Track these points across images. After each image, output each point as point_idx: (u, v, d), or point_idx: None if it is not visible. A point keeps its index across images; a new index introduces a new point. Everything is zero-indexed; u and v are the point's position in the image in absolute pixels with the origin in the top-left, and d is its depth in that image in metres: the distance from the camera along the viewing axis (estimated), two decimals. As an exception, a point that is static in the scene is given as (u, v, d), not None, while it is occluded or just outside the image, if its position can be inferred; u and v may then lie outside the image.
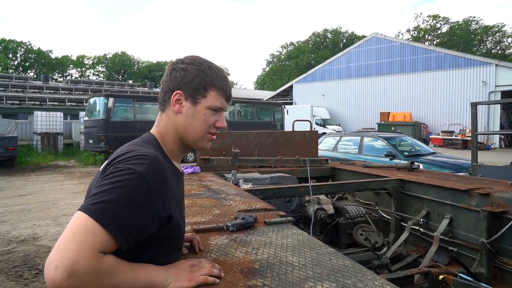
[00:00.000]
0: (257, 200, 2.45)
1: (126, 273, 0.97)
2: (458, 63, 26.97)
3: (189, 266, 1.14)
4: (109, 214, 0.92)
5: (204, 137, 1.25)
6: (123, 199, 0.94)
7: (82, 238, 0.88)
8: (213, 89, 1.21)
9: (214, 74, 1.22)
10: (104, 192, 0.95)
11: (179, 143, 1.24)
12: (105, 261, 0.91)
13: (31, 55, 61.15)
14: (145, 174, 0.99)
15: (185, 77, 1.20)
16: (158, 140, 1.22)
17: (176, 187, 1.17)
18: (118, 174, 0.98)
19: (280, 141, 4.97)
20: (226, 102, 1.26)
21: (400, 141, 9.29)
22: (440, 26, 57.32)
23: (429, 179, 3.62)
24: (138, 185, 0.97)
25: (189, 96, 1.20)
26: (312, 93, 36.12)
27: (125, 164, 1.01)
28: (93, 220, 0.90)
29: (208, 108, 1.21)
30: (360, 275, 1.23)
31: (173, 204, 1.10)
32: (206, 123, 1.22)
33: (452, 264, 2.95)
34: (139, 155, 1.04)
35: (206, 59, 1.26)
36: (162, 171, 1.06)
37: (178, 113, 1.21)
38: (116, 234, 0.93)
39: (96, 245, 0.89)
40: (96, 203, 0.93)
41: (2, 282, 4.30)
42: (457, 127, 25.71)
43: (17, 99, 24.47)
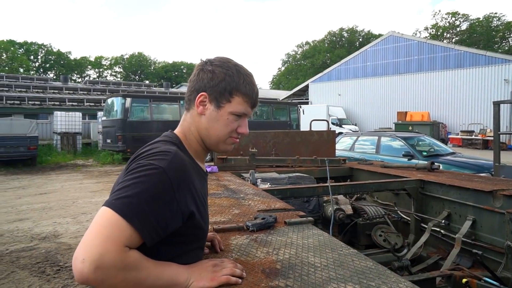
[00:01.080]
0: (276, 200, 2.44)
1: (151, 270, 0.97)
2: (478, 61, 26.37)
3: (212, 265, 1.14)
4: (133, 208, 0.93)
5: (225, 141, 1.24)
6: (146, 194, 0.95)
7: (108, 232, 0.89)
8: (239, 94, 1.20)
9: (242, 79, 1.20)
10: (128, 188, 0.96)
11: (201, 143, 1.24)
12: (131, 256, 0.92)
13: (51, 57, 62.55)
14: (166, 170, 1.00)
15: (212, 80, 1.19)
16: (181, 139, 1.22)
17: (199, 185, 1.17)
18: (141, 170, 0.99)
19: (297, 141, 4.95)
20: (251, 109, 1.24)
21: (418, 141, 9.13)
22: (459, 24, 56.20)
23: (450, 179, 3.55)
24: (160, 181, 0.98)
25: (213, 99, 1.19)
26: (328, 92, 35.86)
27: (147, 160, 1.02)
28: (117, 215, 0.91)
29: (232, 114, 1.20)
30: (384, 277, 1.21)
31: (195, 201, 1.10)
32: (228, 128, 1.21)
33: (476, 268, 2.88)
34: (160, 151, 1.05)
35: (237, 62, 1.25)
36: (184, 167, 1.06)
37: (201, 114, 1.21)
38: (141, 228, 0.93)
39: (121, 239, 0.91)
40: (120, 198, 0.94)
41: (26, 278, 4.41)
42: (477, 127, 25.15)
43: (38, 100, 25.01)
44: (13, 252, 5.33)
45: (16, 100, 23.98)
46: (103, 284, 0.88)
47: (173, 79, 63.76)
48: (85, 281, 0.86)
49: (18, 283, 4.27)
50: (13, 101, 23.75)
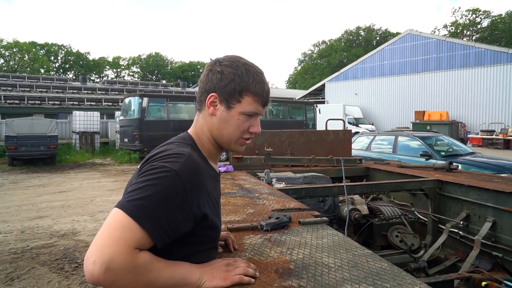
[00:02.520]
0: (291, 199, 2.43)
1: (162, 270, 0.98)
2: (500, 59, 25.72)
3: (225, 265, 1.13)
4: (145, 211, 0.93)
5: (237, 141, 1.23)
6: (158, 197, 0.95)
7: (119, 234, 0.90)
8: (249, 94, 1.18)
9: (251, 79, 1.18)
10: (140, 190, 0.96)
11: (214, 143, 1.24)
12: (141, 257, 0.93)
13: (71, 57, 63.74)
14: (180, 172, 1.00)
15: (221, 81, 1.18)
16: (194, 140, 1.22)
17: (212, 186, 1.17)
18: (154, 172, 0.99)
19: (313, 140, 4.92)
20: (262, 108, 1.22)
21: (437, 140, 8.97)
22: (480, 21, 54.94)
23: (469, 180, 3.48)
24: (173, 183, 0.98)
25: (223, 100, 1.18)
26: (344, 91, 35.56)
27: (160, 162, 1.02)
28: (129, 217, 0.92)
29: (242, 114, 1.19)
30: (399, 279, 1.19)
31: (208, 203, 1.10)
32: (239, 128, 1.20)
33: (496, 271, 2.81)
34: (174, 154, 1.05)
35: (246, 61, 1.23)
36: (197, 170, 1.06)
37: (212, 115, 1.20)
38: (152, 231, 0.94)
39: (132, 242, 0.91)
40: (132, 200, 0.94)
41: (46, 274, 4.51)
42: (498, 126, 24.55)
43: (57, 100, 25.53)
44: (33, 248, 5.46)
45: (37, 100, 24.55)
46: (114, 285, 0.89)
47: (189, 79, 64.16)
48: (95, 282, 0.88)
49: (38, 279, 4.37)
50: (34, 101, 24.32)
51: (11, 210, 7.96)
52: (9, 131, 15.14)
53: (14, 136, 15.01)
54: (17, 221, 7.08)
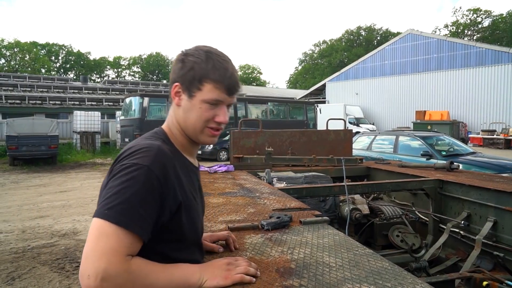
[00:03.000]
0: (292, 199, 2.43)
1: (159, 274, 0.97)
2: (501, 59, 25.69)
3: (225, 264, 1.13)
4: (128, 214, 0.93)
5: (203, 131, 1.18)
6: (137, 197, 0.95)
7: (108, 245, 0.90)
8: (209, 81, 1.13)
9: (210, 65, 1.13)
10: (117, 194, 0.95)
11: (185, 136, 1.21)
12: (134, 264, 0.93)
13: (72, 57, 63.81)
14: (151, 167, 0.99)
15: (182, 70, 1.15)
16: (167, 133, 1.20)
17: (188, 179, 1.16)
18: (126, 172, 0.98)
19: (313, 140, 4.92)
20: (226, 95, 1.16)
21: (437, 140, 8.97)
22: (481, 20, 54.88)
23: (470, 179, 3.47)
24: (147, 179, 0.97)
25: (185, 89, 1.15)
26: (345, 91, 35.54)
27: (130, 160, 1.01)
28: (114, 225, 0.92)
29: (204, 102, 1.14)
30: (400, 278, 1.19)
31: (183, 195, 1.09)
32: (202, 117, 1.15)
33: (497, 270, 2.81)
34: (143, 148, 1.04)
35: (211, 48, 1.18)
36: (168, 161, 1.05)
37: (178, 106, 1.18)
38: (140, 232, 0.95)
39: (122, 249, 0.91)
40: (112, 207, 0.93)
41: (47, 273, 4.51)
42: (499, 126, 24.53)
43: (58, 100, 25.56)
44: (34, 248, 5.46)
45: (38, 100, 24.58)
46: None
47: (190, 79, 64.15)
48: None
49: (39, 278, 4.37)
50: (35, 101, 24.35)
51: (12, 210, 7.97)
52: (10, 131, 15.16)
53: (15, 136, 15.03)
54: (18, 220, 7.08)
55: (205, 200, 2.32)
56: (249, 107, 21.33)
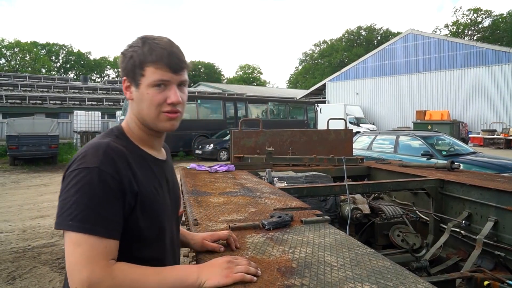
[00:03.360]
0: (293, 198, 2.42)
1: (149, 277, 0.97)
2: (501, 59, 25.68)
3: (225, 262, 1.11)
4: (91, 220, 0.93)
5: (159, 117, 1.14)
6: (94, 200, 0.95)
7: (83, 255, 0.91)
8: (148, 64, 1.10)
9: (146, 48, 1.11)
10: (76, 203, 0.95)
11: (143, 128, 1.18)
12: (117, 269, 0.94)
13: (72, 57, 63.84)
14: (102, 166, 0.99)
15: (123, 62, 1.14)
16: (124, 129, 1.19)
17: (146, 172, 1.14)
18: (79, 178, 0.97)
19: (314, 140, 4.92)
20: (171, 73, 1.11)
21: (438, 140, 8.96)
22: (481, 20, 54.86)
23: (471, 179, 3.47)
24: (100, 180, 0.97)
25: (132, 80, 1.14)
26: (345, 91, 35.54)
27: (80, 165, 1.00)
28: (81, 234, 0.92)
29: (151, 86, 1.11)
30: (402, 277, 1.19)
31: (141, 186, 1.07)
32: (153, 102, 1.12)
33: (498, 270, 2.81)
34: (90, 150, 1.03)
35: (149, 35, 1.16)
36: (117, 156, 1.04)
37: (130, 100, 1.17)
38: (109, 234, 0.95)
39: (100, 255, 0.92)
40: (74, 217, 0.93)
41: (47, 273, 4.51)
42: (499, 126, 24.52)
43: (59, 99, 25.57)
44: (35, 248, 5.47)
45: (38, 100, 24.59)
46: None
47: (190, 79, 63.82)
48: None
49: (40, 278, 4.37)
50: (35, 101, 24.36)
51: (13, 210, 7.97)
52: (10, 131, 15.16)
53: (15, 135, 15.02)
54: (19, 220, 7.08)
55: (206, 199, 2.34)
56: (250, 107, 21.33)
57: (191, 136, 17.59)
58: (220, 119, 19.54)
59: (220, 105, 19.92)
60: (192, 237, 1.45)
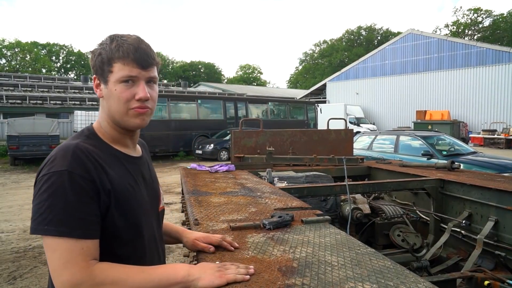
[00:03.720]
0: (293, 198, 2.43)
1: (133, 275, 0.97)
2: (501, 58, 25.67)
3: (216, 266, 1.12)
4: (67, 222, 0.94)
5: (127, 113, 1.14)
6: (68, 203, 0.96)
7: (61, 258, 0.92)
8: (116, 61, 1.11)
9: (114, 45, 1.11)
10: (50, 208, 0.95)
11: (115, 126, 1.19)
12: (98, 268, 0.94)
13: (72, 57, 63.88)
14: (71, 168, 0.99)
15: (92, 60, 1.15)
16: (95, 129, 1.19)
17: (119, 170, 1.14)
18: (50, 183, 0.98)
19: (314, 140, 4.92)
20: (139, 69, 1.12)
21: (438, 140, 8.97)
22: (482, 20, 54.84)
23: (472, 179, 3.47)
24: (72, 182, 0.98)
25: (100, 77, 1.14)
26: (345, 91, 35.54)
27: (50, 169, 1.01)
28: (58, 238, 0.93)
29: (118, 82, 1.11)
30: (402, 277, 1.19)
31: (114, 184, 1.07)
32: (121, 98, 1.12)
33: (498, 270, 2.81)
34: (59, 153, 1.04)
35: (118, 33, 1.17)
36: (86, 156, 1.04)
37: (101, 97, 1.17)
38: (85, 234, 0.95)
39: (78, 257, 0.93)
40: (49, 221, 0.94)
41: (48, 273, 4.51)
42: (499, 126, 24.51)
43: (59, 99, 25.58)
44: (35, 247, 5.47)
45: (39, 100, 24.59)
46: None
47: (191, 79, 64.29)
48: None
49: (40, 277, 4.38)
50: (36, 101, 24.36)
51: (13, 210, 7.97)
52: (11, 131, 15.17)
53: (16, 135, 15.03)
54: (19, 220, 7.09)
55: (206, 199, 2.34)
56: (250, 107, 21.33)
57: (191, 136, 17.60)
58: (220, 119, 19.55)
59: (220, 105, 19.93)
60: (185, 235, 1.45)
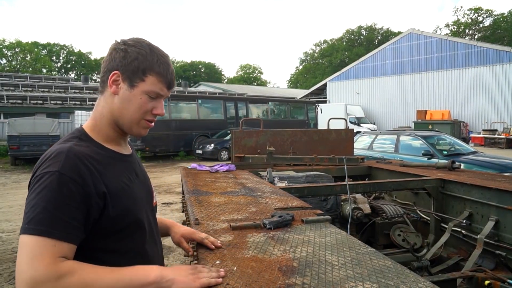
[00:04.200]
0: (293, 198, 2.43)
1: (102, 274, 0.95)
2: (502, 58, 25.65)
3: (189, 269, 1.09)
4: (45, 222, 0.94)
5: (139, 123, 1.18)
6: (52, 204, 0.95)
7: (31, 255, 0.91)
8: (153, 74, 1.15)
9: (155, 59, 1.15)
10: (34, 207, 0.96)
11: (114, 126, 1.19)
12: (64, 266, 0.92)
13: (73, 57, 63.88)
14: (62, 170, 0.99)
15: (124, 59, 1.14)
16: (86, 130, 1.19)
17: (114, 168, 1.15)
18: (40, 183, 0.99)
19: (315, 140, 4.92)
20: (166, 89, 1.19)
21: (439, 139, 8.96)
22: (482, 20, 54.81)
23: (472, 179, 3.47)
24: (60, 184, 0.98)
25: (126, 78, 1.14)
26: (346, 91, 35.52)
27: (42, 170, 1.01)
28: (34, 236, 0.92)
29: (146, 93, 1.15)
30: (402, 277, 1.19)
31: (109, 183, 1.08)
32: (142, 108, 1.16)
33: (499, 270, 2.81)
34: (52, 154, 1.04)
35: (151, 43, 1.20)
36: (79, 159, 1.03)
37: (114, 94, 1.16)
38: (61, 236, 0.94)
39: (47, 254, 0.91)
40: (31, 221, 0.94)
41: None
42: (500, 125, 24.49)
43: (59, 99, 25.58)
44: (36, 247, 5.47)
45: (39, 100, 24.60)
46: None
47: (191, 79, 64.31)
48: None
49: (41, 277, 4.38)
50: (36, 101, 24.37)
51: (14, 209, 7.98)
52: (11, 131, 15.19)
53: (16, 135, 15.05)
54: (20, 220, 7.05)
55: (207, 199, 2.34)
56: (250, 106, 21.34)
57: (192, 136, 17.61)
58: (220, 119, 19.55)
59: (221, 105, 19.93)
60: (174, 229, 1.47)
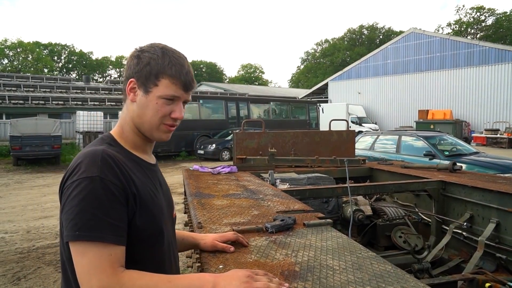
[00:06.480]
0: (295, 201, 2.44)
1: (160, 284, 0.97)
2: (504, 57, 25.58)
3: (245, 276, 1.02)
4: (97, 228, 0.95)
5: (159, 127, 1.18)
6: (99, 209, 0.97)
7: (90, 264, 0.93)
8: (165, 77, 1.14)
9: (167, 61, 1.14)
10: (81, 213, 0.96)
11: (138, 133, 1.20)
12: (126, 276, 0.95)
13: (74, 57, 63.97)
14: (102, 174, 1.00)
15: (138, 65, 1.16)
16: (114, 136, 1.21)
17: (142, 176, 1.16)
18: (80, 189, 0.98)
19: (316, 141, 4.93)
20: (183, 91, 1.17)
21: (440, 140, 8.96)
22: (484, 19, 54.68)
23: (473, 180, 3.48)
24: (103, 188, 0.99)
25: (141, 84, 1.15)
26: (347, 91, 35.49)
27: (79, 175, 1.01)
28: (88, 242, 0.94)
29: (161, 98, 1.14)
30: (402, 281, 1.21)
31: (139, 189, 1.09)
32: (159, 113, 1.15)
33: (500, 272, 2.82)
34: (87, 159, 1.04)
35: (167, 46, 1.20)
36: (115, 162, 1.05)
37: (133, 102, 1.18)
38: (113, 239, 0.96)
39: (106, 263, 0.94)
40: (81, 227, 0.95)
41: (51, 273, 4.55)
42: (502, 125, 24.44)
43: (61, 100, 25.61)
44: (39, 248, 5.50)
45: (41, 100, 24.64)
46: None
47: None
48: None
49: (44, 278, 4.41)
50: (38, 101, 24.41)
51: (17, 210, 8.02)
52: (13, 131, 15.23)
53: (18, 136, 15.09)
54: (23, 221, 7.13)
55: (209, 202, 2.36)
56: (251, 106, 21.34)
57: (193, 136, 17.63)
58: (222, 119, 19.56)
59: (222, 105, 19.94)
60: (202, 238, 1.48)
